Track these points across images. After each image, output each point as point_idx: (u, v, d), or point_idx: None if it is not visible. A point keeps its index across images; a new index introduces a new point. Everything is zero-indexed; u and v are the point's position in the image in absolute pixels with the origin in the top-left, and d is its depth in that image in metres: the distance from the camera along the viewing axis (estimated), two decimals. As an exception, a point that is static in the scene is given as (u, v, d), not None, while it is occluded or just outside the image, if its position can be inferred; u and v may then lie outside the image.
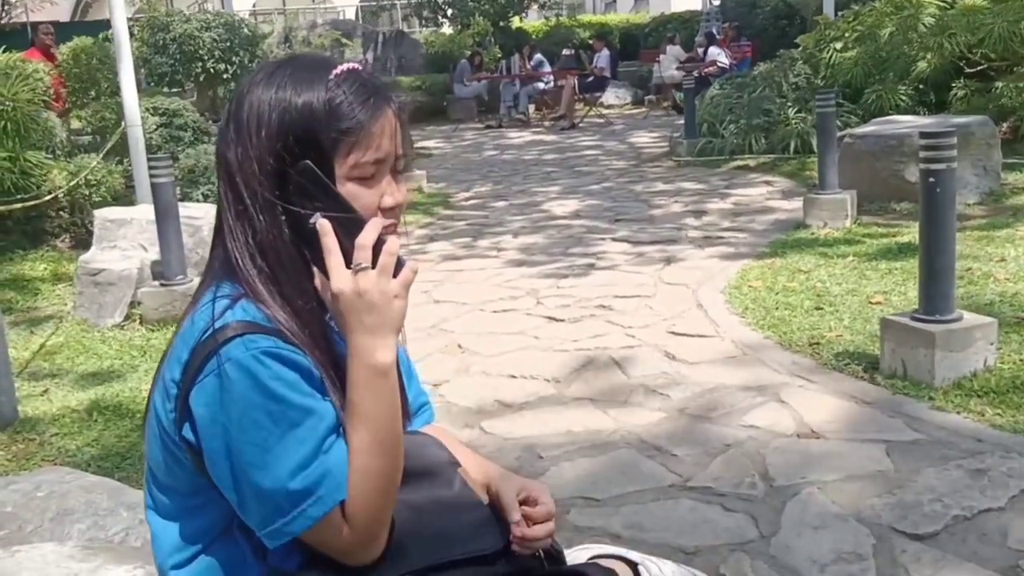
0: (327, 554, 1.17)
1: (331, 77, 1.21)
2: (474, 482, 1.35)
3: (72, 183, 6.76)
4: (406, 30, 24.69)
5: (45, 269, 6.61)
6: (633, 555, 1.51)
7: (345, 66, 1.24)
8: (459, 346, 4.61)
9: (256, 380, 1.11)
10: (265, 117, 1.19)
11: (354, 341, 1.17)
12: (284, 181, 1.19)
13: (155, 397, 1.23)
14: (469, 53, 19.09)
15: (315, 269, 1.22)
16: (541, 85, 17.32)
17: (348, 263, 1.16)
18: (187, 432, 1.17)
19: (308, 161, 1.18)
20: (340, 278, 1.16)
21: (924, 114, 8.75)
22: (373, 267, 1.16)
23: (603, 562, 1.47)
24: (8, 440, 3.76)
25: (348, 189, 1.20)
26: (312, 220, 1.17)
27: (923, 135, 3.65)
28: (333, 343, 1.23)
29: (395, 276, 1.17)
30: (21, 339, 5.21)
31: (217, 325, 1.15)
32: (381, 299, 1.15)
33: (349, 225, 1.17)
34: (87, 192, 7.04)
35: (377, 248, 1.16)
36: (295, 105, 1.19)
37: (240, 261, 1.20)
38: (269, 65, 1.27)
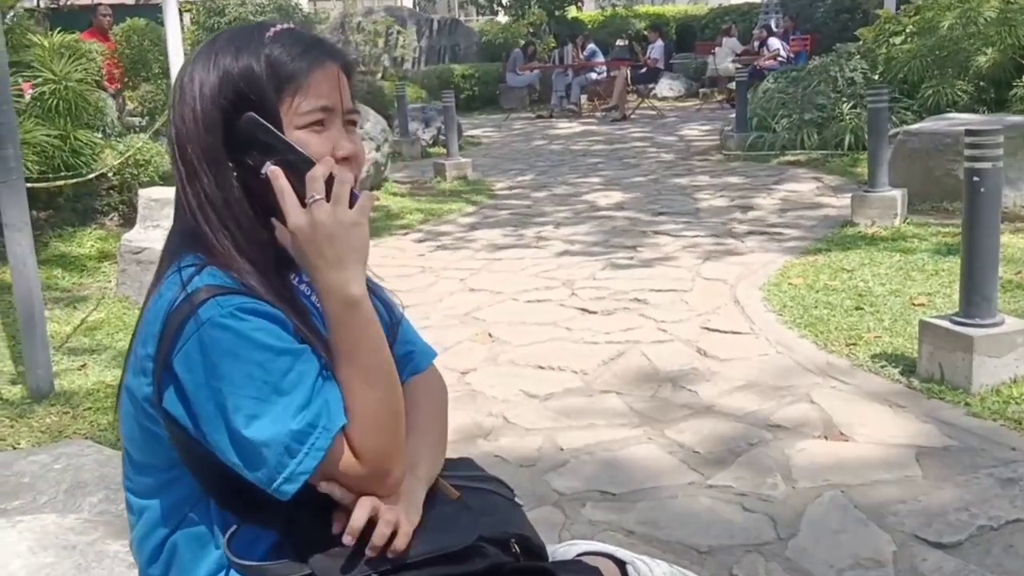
0: (348, 486, 1.16)
1: (268, 35, 1.22)
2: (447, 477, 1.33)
3: (118, 162, 6.86)
4: (462, 19, 24.69)
5: (92, 246, 6.72)
6: (623, 553, 1.48)
7: (281, 25, 1.25)
8: (490, 335, 4.59)
9: (240, 335, 1.12)
10: (207, 78, 1.21)
11: (320, 279, 1.16)
12: (233, 141, 1.19)
13: (127, 378, 1.23)
14: (523, 42, 19.02)
15: (275, 222, 1.21)
16: (594, 75, 17.16)
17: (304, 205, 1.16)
18: (169, 403, 1.16)
19: (251, 112, 1.18)
20: (295, 215, 1.15)
21: (983, 112, 8.50)
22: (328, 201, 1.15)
23: (590, 560, 1.43)
24: (43, 412, 3.84)
25: (298, 136, 1.20)
26: (263, 170, 1.17)
27: (968, 133, 3.54)
28: (297, 297, 1.24)
29: (351, 207, 1.16)
30: (64, 314, 5.32)
31: (188, 291, 1.15)
32: (339, 229, 1.14)
33: (301, 166, 1.16)
34: (135, 172, 7.15)
35: (330, 183, 1.15)
36: (234, 66, 1.20)
37: (198, 221, 1.20)
38: (210, 38, 1.28)
